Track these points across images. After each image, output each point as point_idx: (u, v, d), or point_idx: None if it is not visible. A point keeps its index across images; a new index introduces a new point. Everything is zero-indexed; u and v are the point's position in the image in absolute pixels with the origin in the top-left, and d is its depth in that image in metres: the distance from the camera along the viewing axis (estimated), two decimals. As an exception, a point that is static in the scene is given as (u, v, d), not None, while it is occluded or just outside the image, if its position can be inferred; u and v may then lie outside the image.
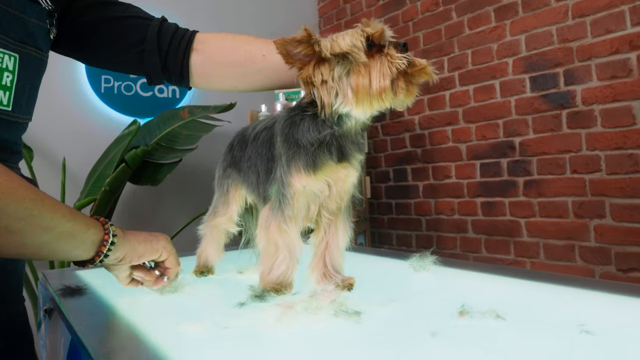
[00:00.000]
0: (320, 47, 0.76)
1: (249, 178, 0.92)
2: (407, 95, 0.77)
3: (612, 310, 0.70)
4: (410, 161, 2.95)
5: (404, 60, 0.75)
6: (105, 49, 0.91)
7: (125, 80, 2.90)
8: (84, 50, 0.92)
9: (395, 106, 0.79)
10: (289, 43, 0.76)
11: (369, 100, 0.76)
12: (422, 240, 2.88)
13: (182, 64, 0.92)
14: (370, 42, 0.76)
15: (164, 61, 0.92)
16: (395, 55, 0.75)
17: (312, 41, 0.76)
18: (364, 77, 0.75)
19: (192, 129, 2.48)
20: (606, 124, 2.04)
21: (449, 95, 2.71)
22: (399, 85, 0.75)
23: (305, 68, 0.78)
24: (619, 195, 1.99)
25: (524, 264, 2.33)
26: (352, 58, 0.75)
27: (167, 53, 0.91)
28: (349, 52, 0.75)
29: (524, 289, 0.83)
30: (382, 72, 0.75)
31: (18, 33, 0.72)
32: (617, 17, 2.00)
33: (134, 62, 0.92)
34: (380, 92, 0.75)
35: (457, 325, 0.63)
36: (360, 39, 0.76)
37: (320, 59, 0.77)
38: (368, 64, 0.75)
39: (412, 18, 2.94)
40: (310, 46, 0.76)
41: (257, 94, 3.19)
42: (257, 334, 0.65)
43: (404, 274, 0.97)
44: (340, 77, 0.76)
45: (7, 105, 0.72)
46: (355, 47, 0.75)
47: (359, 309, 0.69)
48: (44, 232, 0.63)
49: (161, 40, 0.91)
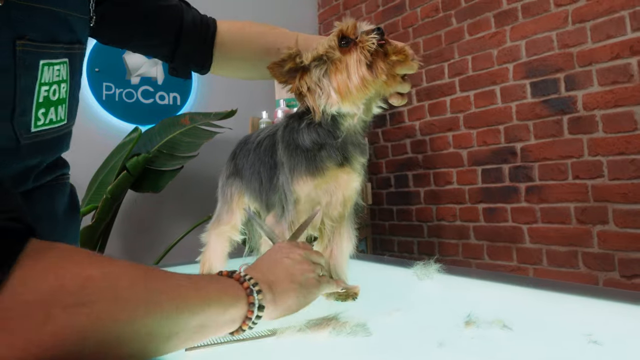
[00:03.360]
0: (301, 58, 0.80)
1: (252, 185, 0.92)
2: (391, 79, 0.78)
3: (619, 319, 0.69)
4: (412, 167, 2.95)
5: (373, 40, 0.76)
6: (139, 35, 0.91)
7: (127, 87, 2.91)
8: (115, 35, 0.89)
9: (384, 93, 0.81)
10: (278, 64, 0.81)
11: (352, 92, 0.77)
12: (423, 247, 2.87)
13: (206, 56, 0.95)
14: (345, 38, 0.78)
15: (194, 53, 0.94)
16: (365, 39, 0.77)
17: (294, 55, 0.80)
18: (341, 72, 0.77)
19: (193, 136, 2.48)
20: (608, 130, 2.04)
21: (450, 101, 2.71)
22: (378, 67, 0.76)
23: (293, 82, 0.81)
24: (622, 201, 1.99)
25: (527, 271, 2.32)
26: (327, 58, 0.79)
27: (198, 48, 0.94)
28: (324, 53, 0.79)
29: (529, 298, 0.82)
30: (357, 60, 0.76)
31: (67, 35, 0.68)
32: (617, 23, 2.00)
33: (165, 51, 0.93)
34: (360, 80, 0.76)
35: (464, 336, 0.62)
36: (334, 39, 0.79)
37: (304, 69, 0.80)
38: (343, 58, 0.78)
39: (412, 24, 2.95)
40: (292, 60, 0.80)
41: (258, 101, 3.21)
42: (259, 345, 0.64)
43: (408, 282, 0.97)
44: (319, 79, 0.79)
45: (63, 119, 0.69)
46: (330, 48, 0.79)
47: (364, 318, 0.68)
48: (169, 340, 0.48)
49: (193, 32, 0.92)
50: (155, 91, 3.01)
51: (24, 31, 0.59)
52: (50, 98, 0.65)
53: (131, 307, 0.43)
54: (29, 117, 0.62)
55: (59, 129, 0.69)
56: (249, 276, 0.58)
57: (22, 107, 0.61)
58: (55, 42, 0.65)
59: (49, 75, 0.64)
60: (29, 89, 0.61)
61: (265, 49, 0.93)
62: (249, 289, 0.56)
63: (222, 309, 0.52)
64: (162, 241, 2.66)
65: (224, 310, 0.53)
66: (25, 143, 0.63)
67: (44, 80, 0.63)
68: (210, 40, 0.94)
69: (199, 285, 0.52)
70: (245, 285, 0.56)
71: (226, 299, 0.54)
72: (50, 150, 0.69)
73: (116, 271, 0.45)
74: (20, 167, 0.64)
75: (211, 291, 0.52)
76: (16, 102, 0.60)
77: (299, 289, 0.64)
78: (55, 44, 0.65)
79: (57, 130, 0.68)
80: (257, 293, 0.56)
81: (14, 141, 0.61)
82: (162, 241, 2.66)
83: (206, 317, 0.50)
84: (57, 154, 0.73)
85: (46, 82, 0.64)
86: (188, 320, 0.48)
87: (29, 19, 0.60)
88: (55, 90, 0.66)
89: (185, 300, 0.48)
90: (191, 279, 0.51)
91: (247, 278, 0.57)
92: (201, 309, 0.50)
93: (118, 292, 0.43)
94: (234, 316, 0.54)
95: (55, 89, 0.66)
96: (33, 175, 0.67)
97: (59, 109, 0.67)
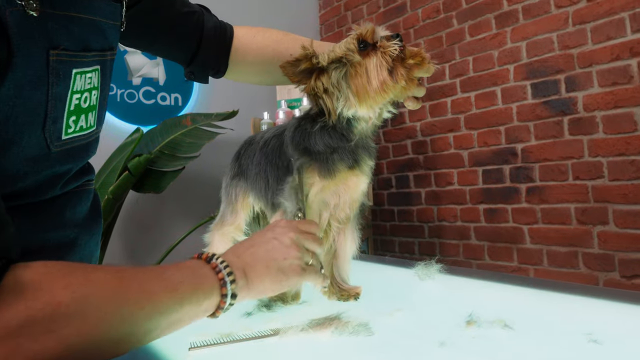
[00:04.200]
0: (318, 59, 0.80)
1: (257, 185, 0.92)
2: (409, 83, 0.78)
3: (620, 319, 0.70)
4: (413, 168, 2.95)
5: (395, 46, 0.77)
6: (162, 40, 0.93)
7: (128, 88, 2.91)
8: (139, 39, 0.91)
9: (400, 98, 0.81)
10: (291, 64, 0.80)
11: (371, 96, 0.77)
12: (424, 247, 2.88)
13: (222, 61, 0.97)
14: (364, 42, 0.79)
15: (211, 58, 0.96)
16: (387, 44, 0.78)
17: (310, 55, 0.80)
18: (361, 76, 0.77)
19: (195, 136, 2.48)
20: (608, 131, 2.04)
21: (451, 101, 2.72)
22: (398, 73, 0.77)
23: (308, 82, 0.81)
24: (622, 202, 1.99)
25: (528, 271, 2.33)
26: (347, 60, 0.78)
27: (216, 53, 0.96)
28: (343, 56, 0.79)
29: (530, 298, 0.83)
30: (378, 65, 0.77)
31: (100, 42, 0.68)
32: (617, 24, 2.01)
33: (185, 56, 0.96)
34: (381, 85, 0.77)
35: (465, 335, 0.63)
36: (353, 42, 0.79)
37: (320, 70, 0.80)
38: (363, 62, 0.78)
39: (413, 25, 2.95)
40: (309, 61, 0.80)
41: (259, 102, 3.22)
42: (263, 344, 0.65)
43: (410, 282, 0.97)
44: (338, 81, 0.79)
45: (93, 125, 0.69)
46: (349, 50, 0.79)
47: (366, 318, 0.69)
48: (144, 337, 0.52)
49: (213, 38, 0.95)
50: (156, 92, 3.01)
51: (58, 41, 0.60)
52: (81, 106, 0.65)
53: (102, 325, 0.47)
54: (60, 125, 0.62)
55: (88, 135, 0.69)
56: (225, 263, 0.59)
57: (54, 115, 0.61)
58: (88, 51, 0.65)
59: (81, 84, 0.65)
60: (61, 98, 0.62)
61: (279, 55, 0.94)
62: (222, 280, 0.57)
63: (196, 305, 0.55)
64: (163, 242, 2.67)
65: (198, 306, 0.55)
66: (55, 151, 0.63)
67: (76, 88, 0.64)
68: (228, 46, 0.97)
69: (173, 284, 0.53)
70: (220, 275, 0.57)
71: (200, 295, 0.55)
72: (79, 157, 0.69)
73: (87, 292, 0.47)
74: (49, 173, 0.64)
75: (186, 290, 0.54)
76: (48, 111, 0.60)
77: (275, 274, 0.64)
78: (88, 52, 0.65)
79: (86, 137, 0.68)
80: (231, 283, 0.58)
81: (44, 149, 0.61)
82: (163, 242, 2.67)
83: (181, 314, 0.53)
84: (85, 159, 0.73)
85: (78, 91, 0.64)
86: (162, 321, 0.51)
87: (65, 28, 0.61)
88: (86, 98, 0.66)
89: (158, 307, 0.51)
90: (166, 279, 0.53)
91: (223, 266, 0.58)
92: (175, 309, 0.52)
93: (88, 314, 0.46)
94: (207, 307, 0.56)
95: (87, 97, 0.66)
96: (62, 182, 0.67)
97: (89, 115, 0.67)
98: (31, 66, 0.57)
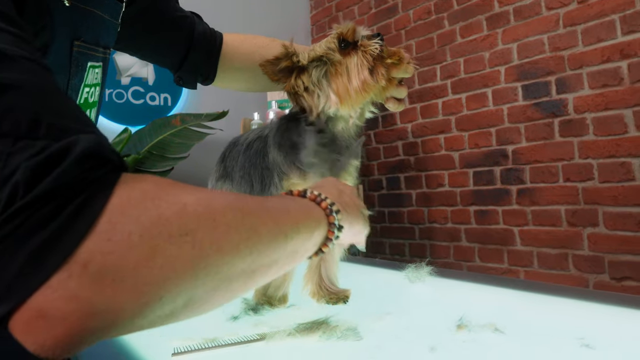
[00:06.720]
0: (298, 57, 0.80)
1: (242, 188, 0.91)
2: (388, 83, 0.78)
3: (611, 322, 0.69)
4: (403, 169, 2.95)
5: (376, 45, 0.77)
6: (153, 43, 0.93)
7: (117, 87, 2.88)
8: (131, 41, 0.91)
9: (379, 98, 0.81)
10: (271, 62, 0.80)
11: (351, 95, 0.77)
12: (415, 249, 2.87)
13: (211, 68, 0.98)
14: (345, 41, 0.78)
15: (201, 64, 0.97)
16: (367, 44, 0.77)
17: (290, 54, 0.80)
18: (342, 75, 0.77)
19: (184, 137, 2.46)
20: (598, 132, 2.05)
21: (442, 103, 2.72)
22: (379, 72, 0.76)
23: (288, 80, 0.80)
24: (612, 204, 2.00)
25: (518, 273, 2.33)
26: (327, 59, 0.78)
27: (205, 59, 0.97)
28: (323, 54, 0.79)
29: (521, 301, 0.82)
30: (359, 64, 0.77)
31: (105, 39, 0.69)
32: (608, 26, 2.02)
33: (174, 60, 0.96)
34: (362, 84, 0.76)
35: (456, 340, 0.62)
36: (333, 41, 0.79)
37: (300, 69, 0.80)
38: (344, 61, 0.78)
39: (405, 26, 2.95)
40: (289, 59, 0.80)
41: (249, 103, 3.20)
42: (249, 350, 0.63)
43: (400, 285, 0.96)
44: (319, 80, 0.79)
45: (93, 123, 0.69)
46: (329, 49, 0.79)
47: (355, 322, 0.67)
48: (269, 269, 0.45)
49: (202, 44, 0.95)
50: (145, 92, 2.99)
51: (80, 33, 0.62)
52: (88, 100, 0.66)
53: (231, 233, 0.39)
54: None
55: None
56: (323, 195, 0.54)
57: None
58: (98, 46, 0.67)
59: (92, 78, 0.66)
60: (76, 89, 0.63)
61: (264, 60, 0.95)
62: (328, 209, 0.53)
63: (309, 234, 0.49)
64: (152, 243, 2.64)
65: (311, 235, 0.50)
66: None
67: (88, 82, 0.65)
68: (217, 52, 0.97)
69: (287, 207, 0.49)
70: (323, 205, 0.53)
71: (311, 222, 0.50)
72: None
73: (209, 196, 0.42)
74: None
75: (298, 214, 0.49)
76: None
77: (363, 218, 0.63)
78: (98, 47, 0.67)
79: None
80: (337, 213, 0.53)
81: None
82: (152, 243, 2.64)
83: (297, 243, 0.47)
84: None
85: (88, 84, 0.65)
86: (285, 246, 0.45)
87: (84, 21, 0.63)
88: (92, 93, 0.67)
89: (279, 225, 0.45)
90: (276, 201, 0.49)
91: (324, 197, 0.53)
92: (293, 235, 0.46)
93: (216, 218, 0.39)
94: (317, 239, 0.52)
95: (93, 92, 0.67)
96: None
97: (92, 112, 0.68)
98: (59, 54, 0.58)
